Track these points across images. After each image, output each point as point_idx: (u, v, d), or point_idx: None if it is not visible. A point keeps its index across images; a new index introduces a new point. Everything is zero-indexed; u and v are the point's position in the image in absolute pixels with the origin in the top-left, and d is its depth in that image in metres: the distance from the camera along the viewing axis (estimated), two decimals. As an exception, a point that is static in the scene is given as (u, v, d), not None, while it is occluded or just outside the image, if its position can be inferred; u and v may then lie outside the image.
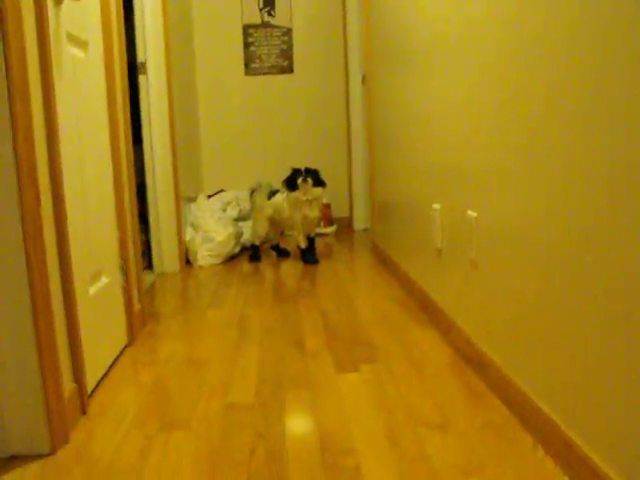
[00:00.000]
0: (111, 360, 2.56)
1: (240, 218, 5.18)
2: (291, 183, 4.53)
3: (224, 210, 5.09)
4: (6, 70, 1.71)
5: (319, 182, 4.54)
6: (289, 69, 6.16)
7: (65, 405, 1.94)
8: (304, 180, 4.45)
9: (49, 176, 1.96)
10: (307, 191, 4.49)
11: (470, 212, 2.35)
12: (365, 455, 1.77)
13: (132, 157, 3.06)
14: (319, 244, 5.37)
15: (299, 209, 4.54)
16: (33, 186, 1.81)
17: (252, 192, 4.87)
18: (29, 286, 1.79)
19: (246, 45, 6.12)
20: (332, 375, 2.36)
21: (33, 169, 1.82)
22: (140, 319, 3.02)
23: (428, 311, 3.05)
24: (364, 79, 5.46)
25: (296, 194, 4.51)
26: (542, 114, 1.71)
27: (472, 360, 2.36)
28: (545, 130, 1.70)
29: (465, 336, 2.45)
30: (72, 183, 2.16)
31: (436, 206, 2.85)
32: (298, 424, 1.99)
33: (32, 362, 1.82)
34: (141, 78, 4.29)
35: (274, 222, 4.76)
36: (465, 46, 2.35)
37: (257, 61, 6.14)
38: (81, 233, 2.23)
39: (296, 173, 4.53)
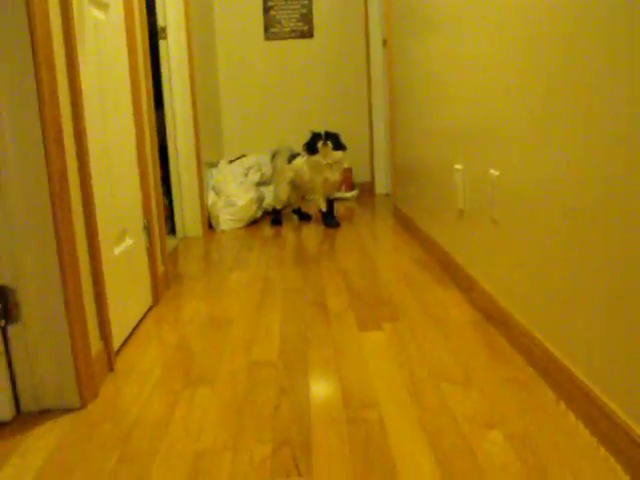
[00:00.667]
0: (136, 320, 2.60)
1: (261, 183, 5.19)
2: (311, 147, 4.50)
3: (245, 175, 5.10)
4: (30, 33, 1.72)
5: (339, 145, 4.51)
6: (309, 33, 6.12)
7: (93, 362, 1.99)
8: (324, 144, 4.42)
9: (74, 139, 1.98)
10: (327, 154, 4.46)
11: (492, 171, 2.35)
12: (387, 409, 1.79)
13: (154, 120, 3.07)
14: (340, 208, 5.39)
15: (319, 172, 4.52)
16: (59, 148, 1.83)
17: (273, 156, 4.89)
18: (56, 245, 1.82)
19: (265, 10, 6.08)
20: (355, 333, 2.39)
21: (59, 132, 1.84)
22: (164, 281, 3.06)
23: (449, 271, 3.07)
24: (385, 42, 5.42)
25: (316, 157, 4.49)
26: (561, 72, 1.70)
27: (494, 318, 2.37)
28: (565, 88, 1.69)
29: (487, 294, 2.46)
30: (96, 145, 2.18)
31: (458, 166, 2.85)
32: (321, 380, 2.02)
33: (61, 320, 1.86)
34: (161, 43, 4.29)
35: (295, 186, 4.76)
36: (486, 5, 2.32)
37: (277, 26, 6.10)
38: (106, 194, 2.26)
39: (316, 137, 4.49)
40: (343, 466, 1.53)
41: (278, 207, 4.76)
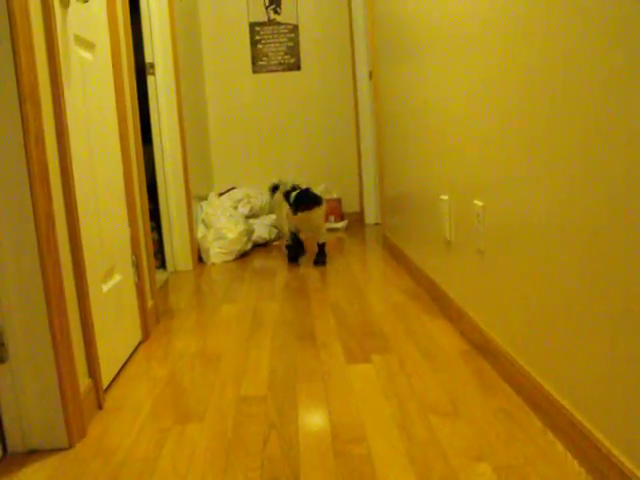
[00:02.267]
0: (126, 356, 2.60)
1: (251, 215, 5.21)
2: (297, 204, 4.27)
3: (235, 207, 5.12)
4: (16, 75, 1.74)
5: (313, 204, 4.25)
6: (296, 66, 6.19)
7: (81, 400, 1.98)
8: (295, 212, 4.22)
9: (60, 178, 2.00)
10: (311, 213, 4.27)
11: (477, 201, 2.37)
12: (376, 442, 1.80)
13: (142, 156, 3.09)
14: (330, 238, 5.40)
15: (295, 224, 4.39)
16: (45, 188, 1.84)
17: (272, 189, 4.80)
18: (43, 285, 1.82)
19: (253, 43, 6.15)
20: (343, 366, 2.39)
21: (45, 172, 1.85)
22: (154, 315, 3.06)
23: (438, 301, 3.08)
24: (371, 75, 5.48)
25: (298, 216, 4.27)
26: (550, 108, 1.73)
27: (483, 348, 2.38)
28: (552, 126, 1.71)
29: (476, 325, 2.47)
30: (83, 183, 2.19)
31: (444, 197, 2.87)
32: (310, 414, 2.02)
33: (48, 359, 1.86)
34: (150, 79, 4.33)
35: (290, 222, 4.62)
36: (472, 38, 2.36)
37: (264, 59, 6.17)
38: (93, 232, 2.27)
39: (302, 198, 4.25)
40: (331, 502, 1.53)
41: (289, 242, 4.54)
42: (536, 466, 1.62)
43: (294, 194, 4.22)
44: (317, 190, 6.00)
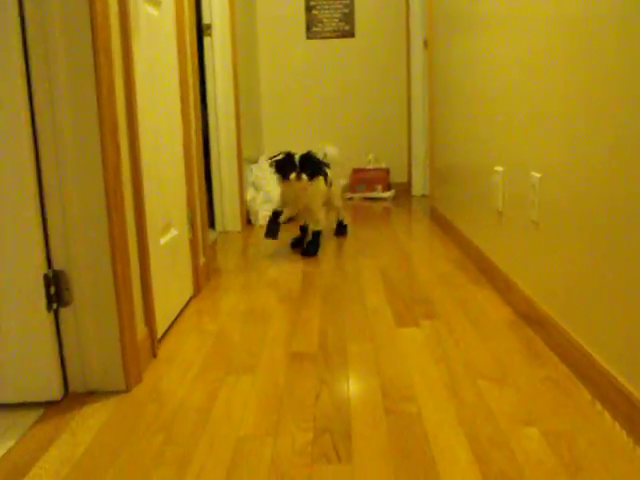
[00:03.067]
0: (178, 310, 2.66)
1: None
2: (282, 171, 3.67)
3: (285, 172, 5.16)
4: (91, 26, 1.78)
5: (317, 172, 3.66)
6: (350, 33, 6.17)
7: (138, 347, 2.05)
8: (298, 177, 3.56)
9: (127, 131, 2.04)
10: (300, 184, 3.61)
11: (534, 173, 2.37)
12: (425, 402, 1.83)
13: (200, 116, 3.14)
14: (377, 208, 5.42)
15: (288, 197, 3.76)
16: (114, 139, 1.89)
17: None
18: (109, 233, 1.88)
19: (308, 9, 6.14)
20: (392, 329, 2.43)
21: (115, 123, 1.90)
22: (205, 272, 3.12)
23: (486, 272, 3.09)
24: (426, 44, 5.45)
25: (287, 185, 3.68)
26: (609, 74, 1.72)
27: (531, 319, 2.39)
28: (611, 92, 1.71)
29: (524, 296, 2.48)
30: (146, 138, 2.24)
31: (498, 168, 2.87)
32: (360, 373, 2.06)
33: (110, 304, 1.92)
34: (206, 40, 4.36)
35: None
36: (531, 7, 2.35)
37: (319, 25, 6.16)
38: (154, 186, 2.32)
39: (288, 163, 3.60)
40: (382, 455, 1.56)
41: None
42: (584, 434, 1.64)
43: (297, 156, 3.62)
44: (367, 160, 6.04)
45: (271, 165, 3.69)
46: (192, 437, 1.68)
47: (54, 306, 1.90)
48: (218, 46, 4.35)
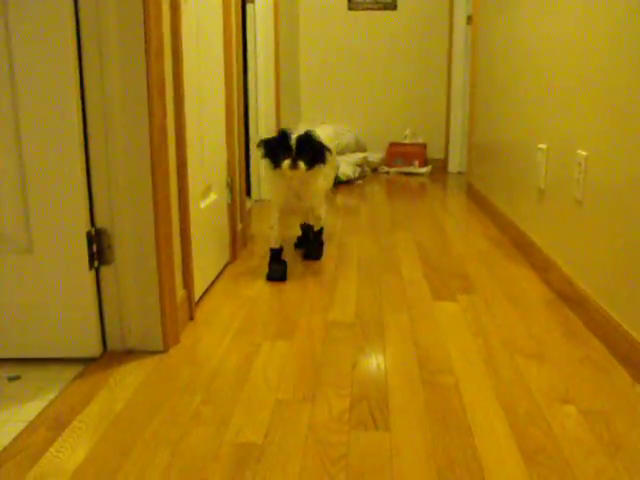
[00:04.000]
0: (215, 274, 2.67)
1: (337, 152, 5.22)
2: (273, 154, 2.66)
3: (322, 143, 5.13)
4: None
5: (318, 158, 2.67)
6: (392, 5, 6.09)
7: (177, 308, 2.06)
8: (293, 165, 2.59)
9: (173, 94, 2.04)
10: (295, 174, 2.65)
11: (580, 151, 2.33)
12: (462, 375, 1.82)
13: (242, 82, 3.13)
14: (413, 184, 5.38)
15: (281, 192, 2.81)
16: (161, 102, 1.89)
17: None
18: (152, 194, 1.88)
19: (351, -21, 6.08)
20: (430, 302, 2.42)
21: (162, 86, 1.90)
22: (242, 238, 3.13)
23: (524, 250, 3.06)
24: (469, 19, 5.37)
25: (278, 175, 2.71)
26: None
27: (570, 299, 2.37)
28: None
29: (564, 275, 2.45)
30: (191, 103, 2.23)
31: (542, 146, 2.83)
32: (397, 343, 2.05)
33: (151, 264, 1.93)
34: (249, 7, 4.33)
35: None
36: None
37: (361, -4, 6.10)
38: (196, 149, 2.32)
39: (280, 145, 2.63)
40: (420, 424, 1.56)
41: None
42: (624, 415, 1.62)
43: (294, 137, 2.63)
44: (404, 135, 5.97)
45: (259, 147, 2.68)
46: (230, 399, 1.69)
47: (96, 264, 1.91)
48: (261, 14, 4.32)
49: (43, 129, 1.78)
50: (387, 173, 5.87)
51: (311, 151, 2.63)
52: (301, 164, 2.59)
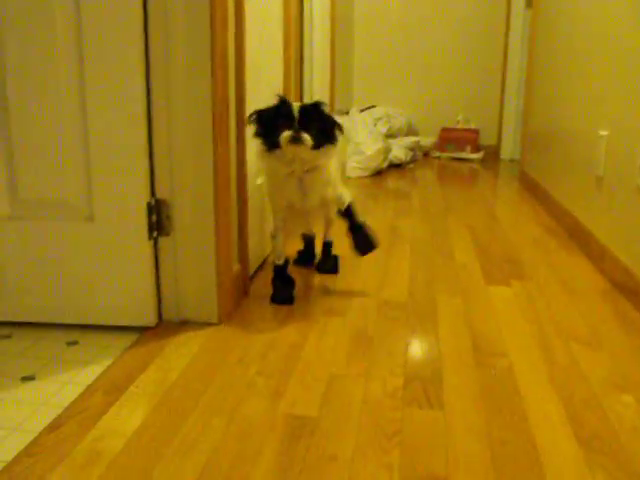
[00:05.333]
0: (266, 254, 2.68)
1: (389, 135, 5.20)
2: (269, 129, 2.03)
3: (375, 125, 5.12)
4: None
5: (326, 136, 2.03)
6: (449, -13, 6.04)
7: (233, 281, 2.08)
8: (295, 137, 1.96)
9: (235, 68, 2.05)
10: (298, 154, 2.01)
11: (643, 138, 2.28)
12: (517, 359, 1.81)
13: (299, 63, 3.13)
14: (464, 170, 5.34)
15: (280, 185, 2.15)
16: (224, 74, 1.90)
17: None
18: (213, 167, 1.89)
19: (409, -39, 6.03)
20: (482, 286, 2.40)
21: (225, 57, 1.90)
22: (294, 218, 3.14)
23: (579, 239, 3.01)
24: (529, 2, 5.29)
25: (275, 157, 2.06)
26: None
27: (627, 288, 2.33)
28: None
29: (621, 265, 2.41)
30: (251, 76, 2.23)
31: (602, 132, 2.77)
32: (450, 325, 2.04)
33: (209, 237, 1.94)
34: (306, -13, 4.32)
35: None
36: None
37: (418, -22, 6.04)
38: (255, 125, 2.33)
39: (278, 115, 2.01)
40: (474, 404, 1.56)
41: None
42: (682, 405, 1.60)
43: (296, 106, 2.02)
44: (456, 120, 5.92)
45: (249, 122, 2.06)
46: (284, 371, 1.71)
47: (154, 234, 1.94)
48: (318, -5, 4.31)
49: (107, 100, 1.81)
50: (438, 158, 5.82)
51: (319, 124, 2.00)
52: (306, 137, 1.95)
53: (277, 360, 1.77)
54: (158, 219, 1.93)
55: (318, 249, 2.61)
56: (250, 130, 2.07)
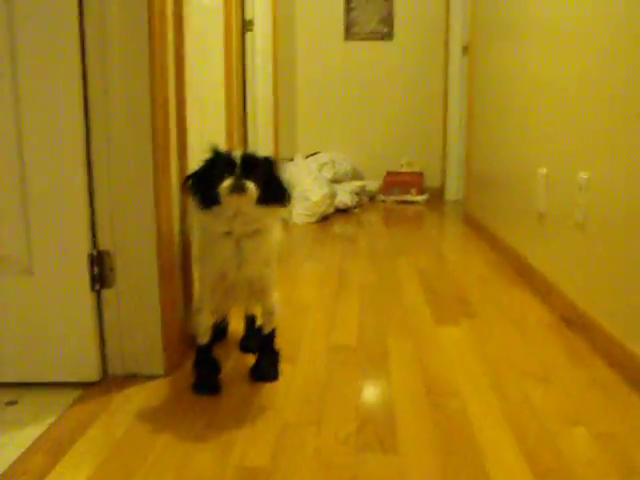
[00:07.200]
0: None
1: (334, 180, 5.22)
2: (206, 183, 1.72)
3: (319, 171, 5.14)
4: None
5: (274, 194, 1.74)
6: (389, 36, 6.15)
7: (179, 332, 2.03)
8: (236, 187, 1.66)
9: (176, 117, 2.03)
10: (240, 209, 1.71)
11: (581, 173, 2.33)
12: (470, 398, 1.80)
13: (242, 109, 3.13)
14: (410, 212, 5.38)
15: (214, 248, 1.79)
16: (165, 120, 1.88)
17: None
18: (156, 217, 1.86)
19: (347, 10, 6.13)
20: (432, 326, 2.40)
21: (166, 112, 1.89)
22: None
23: (524, 275, 3.04)
24: (465, 50, 5.42)
25: (212, 215, 1.73)
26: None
27: (573, 322, 2.35)
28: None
29: (567, 299, 2.44)
30: (194, 137, 2.21)
31: (542, 170, 2.82)
32: (402, 367, 2.03)
33: (153, 289, 1.89)
34: (248, 35, 4.36)
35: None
36: (575, 14, 2.31)
37: (357, 26, 6.14)
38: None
39: (218, 164, 1.72)
40: (428, 447, 1.54)
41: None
42: (636, 438, 1.59)
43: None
44: (401, 164, 6.00)
45: (186, 188, 1.78)
46: (234, 421, 1.66)
47: (97, 287, 1.89)
48: (259, 42, 4.35)
49: (46, 151, 1.77)
50: (384, 202, 5.86)
51: (267, 180, 1.72)
52: (250, 186, 1.65)
53: (227, 410, 1.73)
54: (101, 271, 1.89)
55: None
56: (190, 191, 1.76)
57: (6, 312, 1.85)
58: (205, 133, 2.40)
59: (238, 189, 1.65)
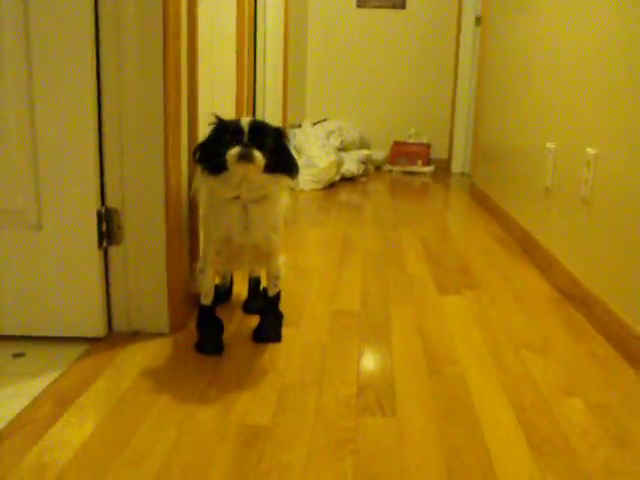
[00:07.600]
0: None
1: (342, 148, 5.22)
2: (210, 155, 1.73)
3: (327, 138, 5.14)
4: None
5: (281, 163, 1.75)
6: (401, 4, 6.10)
7: (185, 291, 2.05)
8: (243, 155, 1.65)
9: (187, 80, 2.03)
10: (247, 176, 1.70)
11: (589, 149, 2.33)
12: (468, 366, 1.82)
13: (252, 77, 3.13)
14: (416, 183, 5.39)
15: (220, 211, 1.80)
16: (176, 88, 1.89)
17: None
18: (164, 176, 1.88)
19: (361, -23, 6.09)
20: (435, 296, 2.42)
21: (178, 72, 1.89)
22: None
23: (528, 249, 3.06)
24: (478, 21, 5.38)
25: (220, 180, 1.74)
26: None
27: (574, 297, 2.37)
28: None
29: (569, 273, 2.45)
30: (204, 91, 2.22)
31: (550, 145, 2.83)
32: (403, 334, 2.05)
33: (160, 247, 1.92)
34: (259, 2, 4.32)
35: None
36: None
37: (370, -7, 6.10)
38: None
39: (226, 131, 1.71)
40: (426, 412, 1.56)
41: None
42: (630, 409, 1.62)
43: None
44: (408, 134, 6.00)
45: (196, 159, 1.78)
46: (237, 381, 1.69)
47: (104, 244, 1.91)
48: (271, 8, 4.32)
49: (57, 106, 1.78)
50: (390, 171, 5.87)
51: (275, 148, 1.72)
52: (257, 155, 1.65)
53: (229, 371, 1.76)
54: (109, 228, 1.91)
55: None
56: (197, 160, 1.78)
57: (15, 266, 1.87)
58: (215, 96, 2.40)
59: (245, 157, 1.65)
